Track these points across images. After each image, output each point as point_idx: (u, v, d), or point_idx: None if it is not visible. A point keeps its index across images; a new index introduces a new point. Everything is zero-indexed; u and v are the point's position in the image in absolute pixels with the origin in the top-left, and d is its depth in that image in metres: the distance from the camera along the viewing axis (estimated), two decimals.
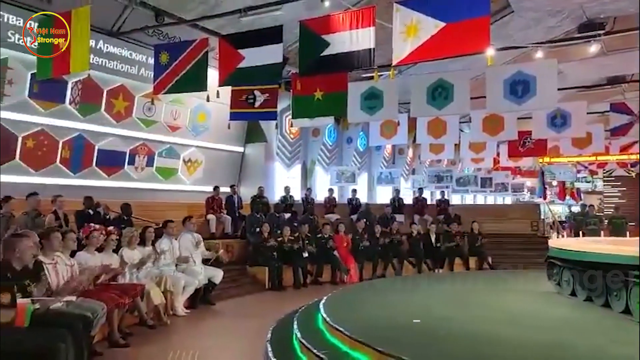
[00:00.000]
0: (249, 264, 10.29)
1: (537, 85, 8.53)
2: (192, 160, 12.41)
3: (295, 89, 9.13)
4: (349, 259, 11.13)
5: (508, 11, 11.22)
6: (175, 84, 8.03)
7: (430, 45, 6.31)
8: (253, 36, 7.54)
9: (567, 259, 6.67)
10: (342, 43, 6.85)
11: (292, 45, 9.16)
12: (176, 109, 11.67)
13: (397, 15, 6.47)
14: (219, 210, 11.28)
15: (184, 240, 7.81)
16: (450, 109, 9.34)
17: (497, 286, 8.37)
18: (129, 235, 6.74)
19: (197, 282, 7.53)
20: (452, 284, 8.80)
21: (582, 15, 11.10)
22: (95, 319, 4.62)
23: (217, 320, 7.34)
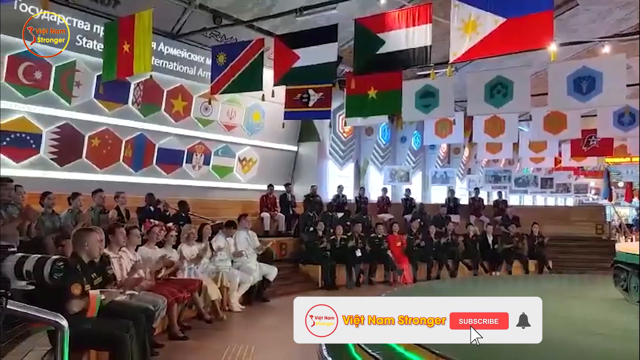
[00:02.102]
0: (302, 262, 10.36)
1: (603, 81, 8.20)
2: (247, 159, 12.64)
3: (349, 87, 9.09)
4: (402, 260, 10.99)
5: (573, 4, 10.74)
6: (232, 84, 8.20)
7: (489, 42, 6.14)
8: (308, 35, 7.59)
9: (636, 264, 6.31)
10: (397, 41, 6.79)
11: (347, 43, 9.14)
12: (232, 109, 11.92)
13: (454, 11, 6.33)
14: (273, 208, 11.42)
15: (239, 237, 7.97)
16: (510, 107, 9.10)
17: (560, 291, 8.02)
18: (187, 232, 6.94)
19: (251, 279, 7.66)
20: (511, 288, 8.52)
21: None
22: (157, 311, 4.80)
23: (271, 317, 7.43)
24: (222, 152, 12.03)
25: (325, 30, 7.52)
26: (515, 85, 8.78)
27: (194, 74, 10.63)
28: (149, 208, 8.62)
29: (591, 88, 8.35)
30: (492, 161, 18.55)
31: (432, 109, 9.55)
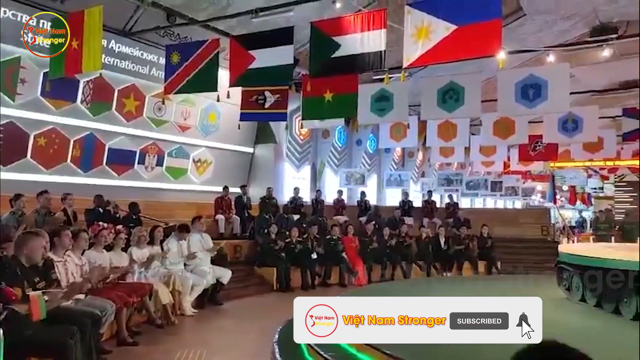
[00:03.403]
0: (257, 264, 10.30)
1: (548, 89, 8.50)
2: (201, 160, 12.45)
3: (305, 90, 9.14)
4: (357, 261, 11.11)
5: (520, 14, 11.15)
6: (186, 84, 8.07)
7: (441, 48, 6.28)
8: (264, 37, 7.56)
9: (578, 265, 6.61)
10: (352, 45, 6.85)
11: (303, 46, 9.17)
12: (186, 109, 11.72)
13: (408, 17, 6.46)
14: (228, 210, 11.30)
15: (192, 240, 7.83)
16: (461, 112, 9.32)
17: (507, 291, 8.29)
18: (138, 235, 6.78)
19: (205, 282, 7.56)
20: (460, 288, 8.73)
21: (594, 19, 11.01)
22: (104, 317, 4.66)
23: (224, 320, 7.35)
24: (176, 153, 11.81)
25: (282, 32, 7.50)
26: (466, 91, 9.00)
27: (147, 73, 10.38)
28: (98, 210, 8.36)
29: (537, 95, 8.64)
30: (445, 165, 19.00)
31: (386, 113, 9.66)
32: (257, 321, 7.21)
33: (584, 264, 6.43)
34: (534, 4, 10.57)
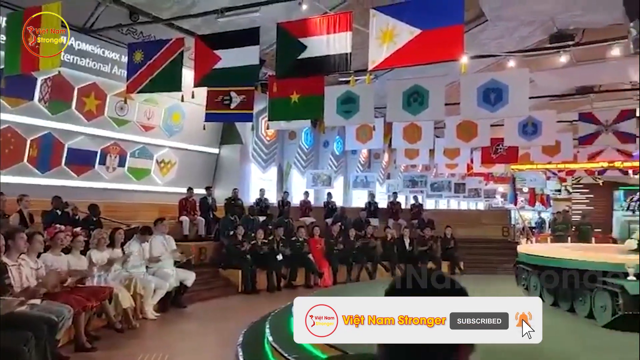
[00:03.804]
0: (222, 266, 10.19)
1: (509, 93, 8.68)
2: (165, 161, 12.24)
3: (271, 91, 9.07)
4: (323, 263, 11.14)
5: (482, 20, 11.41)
6: (149, 83, 7.91)
7: (405, 52, 6.35)
8: (230, 37, 7.48)
9: (535, 264, 6.81)
10: (319, 47, 6.86)
11: (269, 47, 9.13)
12: (150, 109, 11.50)
13: (373, 20, 6.51)
14: (192, 212, 11.15)
15: (155, 242, 7.69)
16: (425, 115, 9.43)
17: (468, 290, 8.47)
18: (97, 237, 6.61)
19: (168, 285, 7.43)
20: None
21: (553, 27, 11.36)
22: (61, 322, 4.52)
23: (188, 324, 7.25)
24: (138, 153, 11.57)
25: (248, 32, 7.44)
26: (431, 94, 9.10)
27: (109, 71, 10.13)
28: (56, 212, 8.11)
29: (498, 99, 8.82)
30: (410, 166, 19.25)
31: (352, 115, 9.70)
32: (221, 324, 7.15)
33: (541, 264, 6.63)
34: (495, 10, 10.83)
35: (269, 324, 5.89)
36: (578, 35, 11.36)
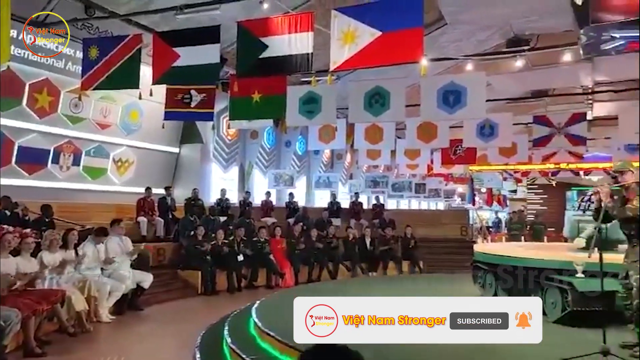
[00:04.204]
0: (181, 267, 10.02)
1: (467, 95, 8.87)
2: (122, 160, 11.93)
3: (232, 90, 9.00)
4: (284, 263, 11.11)
5: (442, 23, 11.61)
6: (106, 80, 7.74)
7: (366, 53, 6.41)
8: (189, 35, 7.39)
9: (490, 263, 6.98)
10: (280, 46, 6.84)
11: (231, 46, 9.02)
12: (106, 106, 11.18)
13: (334, 21, 6.53)
14: (151, 212, 10.91)
15: (110, 244, 7.47)
16: (386, 116, 9.54)
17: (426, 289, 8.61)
18: (49, 238, 6.38)
19: (124, 287, 7.24)
20: (385, 287, 8.96)
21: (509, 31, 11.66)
22: (8, 326, 4.37)
23: (144, 327, 7.08)
24: (94, 152, 11.23)
25: (208, 30, 7.37)
26: (392, 95, 9.21)
27: (62, 67, 9.80)
28: (4, 212, 7.79)
29: (457, 102, 9.00)
30: (372, 167, 19.43)
31: (315, 115, 9.71)
32: (179, 326, 7.02)
33: (495, 262, 6.80)
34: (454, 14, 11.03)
35: (227, 325, 5.83)
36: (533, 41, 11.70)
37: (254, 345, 5.06)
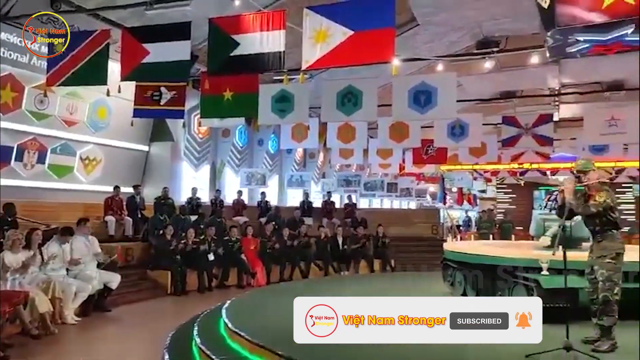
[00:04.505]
0: (151, 267, 9.86)
1: (438, 96, 8.97)
2: (90, 158, 11.66)
3: (204, 87, 8.91)
4: (256, 262, 11.06)
5: (414, 24, 11.71)
6: (72, 76, 7.56)
7: (338, 52, 6.41)
8: (159, 31, 7.29)
9: (459, 261, 7.08)
10: (252, 44, 6.80)
11: (202, 43, 8.91)
12: (73, 103, 10.89)
13: (306, 20, 6.52)
14: (119, 211, 10.70)
15: (76, 244, 7.29)
16: (359, 116, 9.57)
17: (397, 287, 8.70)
18: (12, 238, 6.19)
19: (90, 288, 7.07)
20: (356, 286, 9.01)
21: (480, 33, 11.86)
22: None
23: (111, 328, 6.95)
24: (60, 149, 10.94)
25: (178, 26, 7.26)
26: (364, 95, 9.24)
27: (27, 62, 9.50)
28: None
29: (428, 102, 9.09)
30: (344, 166, 19.50)
31: (287, 114, 9.68)
32: (148, 327, 6.92)
33: (464, 260, 6.91)
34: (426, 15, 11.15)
35: (197, 325, 5.77)
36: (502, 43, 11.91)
37: (224, 345, 5.02)
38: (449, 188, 22.19)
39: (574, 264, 4.79)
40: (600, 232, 4.55)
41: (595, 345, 4.34)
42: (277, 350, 4.21)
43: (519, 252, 6.43)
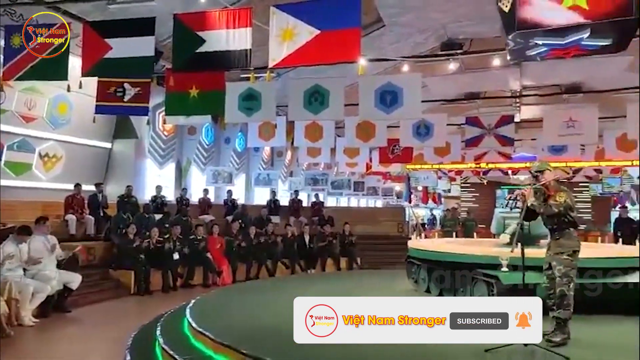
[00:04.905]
0: (113, 267, 9.66)
1: (403, 96, 9.10)
2: (49, 155, 11.30)
3: (168, 84, 8.78)
4: (222, 261, 10.97)
5: (380, 25, 11.83)
6: (30, 70, 7.34)
7: (305, 51, 6.43)
8: (123, 26, 7.17)
9: (423, 258, 7.22)
10: (218, 41, 6.75)
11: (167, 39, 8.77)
12: (31, 98, 10.53)
13: (273, 18, 6.51)
14: (80, 210, 10.43)
15: (35, 243, 7.07)
16: (326, 114, 9.62)
17: (363, 285, 8.79)
18: None
19: (49, 288, 6.87)
20: (322, 284, 9.05)
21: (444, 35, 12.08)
22: None
23: (71, 329, 6.78)
24: (18, 146, 10.56)
25: (142, 22, 7.17)
26: (331, 94, 9.29)
27: None
28: None
29: (394, 102, 9.21)
30: (312, 165, 19.55)
31: (254, 112, 9.64)
32: (109, 327, 6.77)
33: (427, 258, 7.05)
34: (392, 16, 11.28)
35: (160, 325, 5.69)
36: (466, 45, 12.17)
37: (188, 345, 4.97)
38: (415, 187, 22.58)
39: (532, 260, 4.96)
40: (558, 230, 4.72)
41: (549, 335, 4.48)
42: (242, 349, 4.21)
43: (479, 249, 6.60)
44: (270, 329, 5.10)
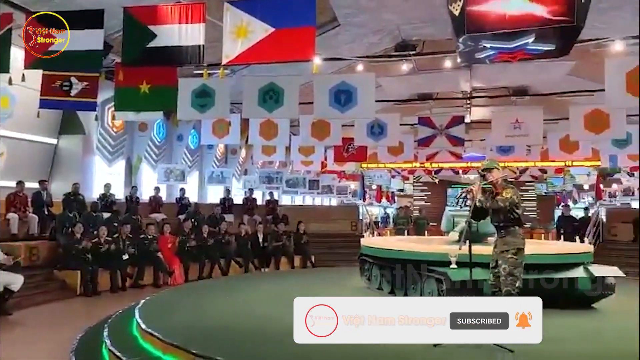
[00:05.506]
0: (58, 267, 9.32)
1: (358, 95, 9.19)
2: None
3: (118, 79, 8.54)
4: (173, 260, 10.77)
5: (335, 24, 11.88)
6: None
7: (259, 49, 6.41)
8: (69, 17, 6.91)
9: (375, 256, 7.33)
10: (170, 36, 6.65)
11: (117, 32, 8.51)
12: None
13: (227, 14, 6.48)
14: (23, 208, 9.98)
15: None
16: (280, 113, 9.58)
17: (317, 283, 8.84)
18: None
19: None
20: (275, 283, 9.03)
21: (398, 36, 12.26)
22: None
23: (12, 332, 6.46)
24: None
25: (90, 14, 6.99)
26: (285, 92, 9.26)
27: None
28: None
29: (348, 101, 9.29)
30: (267, 163, 19.44)
31: (208, 109, 9.47)
32: (53, 330, 6.53)
33: (379, 255, 7.16)
34: (347, 16, 11.36)
35: (107, 327, 5.54)
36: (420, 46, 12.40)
37: (136, 346, 4.87)
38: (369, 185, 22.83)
39: (480, 257, 5.12)
40: (504, 227, 4.90)
41: None
42: (192, 349, 4.15)
43: (429, 246, 6.77)
44: (222, 328, 5.06)
